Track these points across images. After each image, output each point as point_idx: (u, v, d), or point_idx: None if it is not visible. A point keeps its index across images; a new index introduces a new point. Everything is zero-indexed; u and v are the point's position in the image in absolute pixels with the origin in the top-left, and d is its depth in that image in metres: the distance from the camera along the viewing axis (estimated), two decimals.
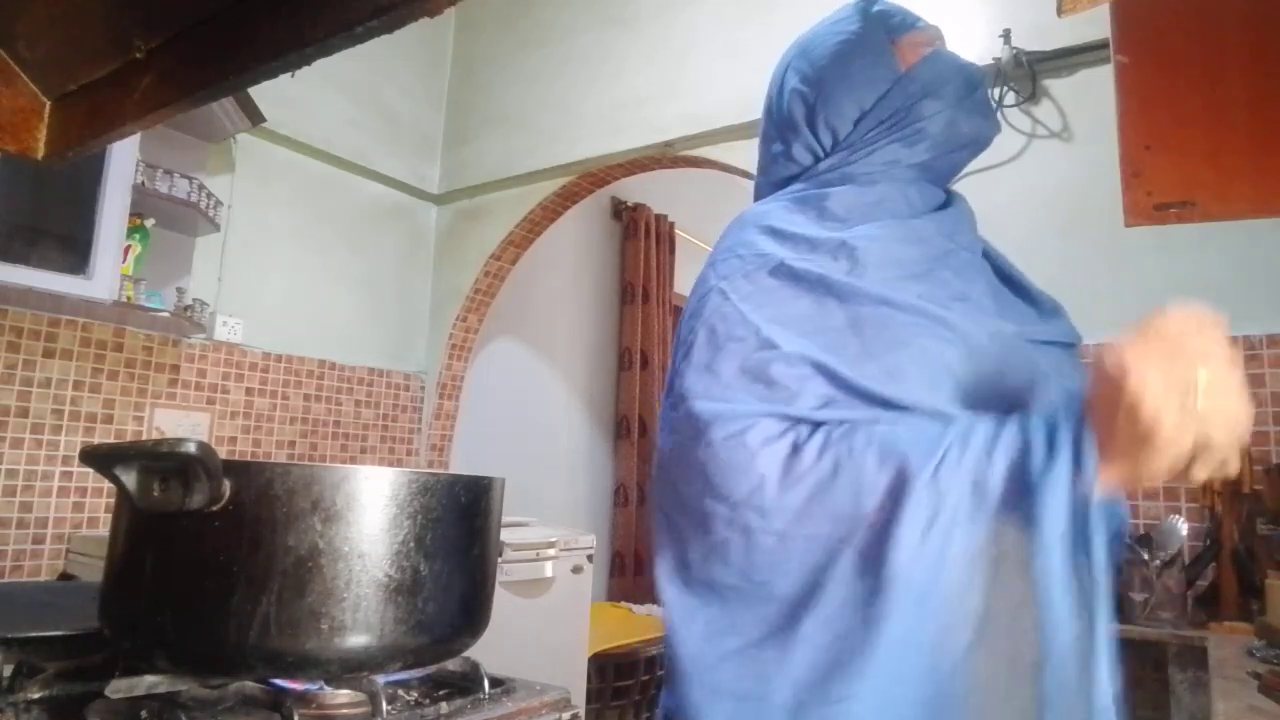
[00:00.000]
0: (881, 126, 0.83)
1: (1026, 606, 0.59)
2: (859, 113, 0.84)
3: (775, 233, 0.79)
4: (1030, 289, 0.83)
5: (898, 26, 0.86)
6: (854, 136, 0.84)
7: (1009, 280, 0.83)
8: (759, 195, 0.93)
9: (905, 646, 0.60)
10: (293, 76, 0.50)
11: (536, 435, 3.80)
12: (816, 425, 0.67)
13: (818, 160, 0.86)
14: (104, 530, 2.18)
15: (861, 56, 0.84)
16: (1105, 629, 0.59)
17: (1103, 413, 0.58)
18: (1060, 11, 0.79)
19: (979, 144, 0.87)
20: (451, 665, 0.97)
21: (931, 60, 0.84)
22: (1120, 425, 0.56)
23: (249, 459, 2.47)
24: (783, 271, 0.75)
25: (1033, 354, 0.75)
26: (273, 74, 0.49)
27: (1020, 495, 0.59)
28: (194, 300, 2.43)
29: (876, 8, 0.87)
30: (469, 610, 0.92)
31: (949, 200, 0.88)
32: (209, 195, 2.38)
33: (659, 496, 0.76)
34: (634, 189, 4.25)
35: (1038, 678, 0.58)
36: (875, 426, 0.66)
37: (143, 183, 2.14)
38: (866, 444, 0.64)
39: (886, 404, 0.68)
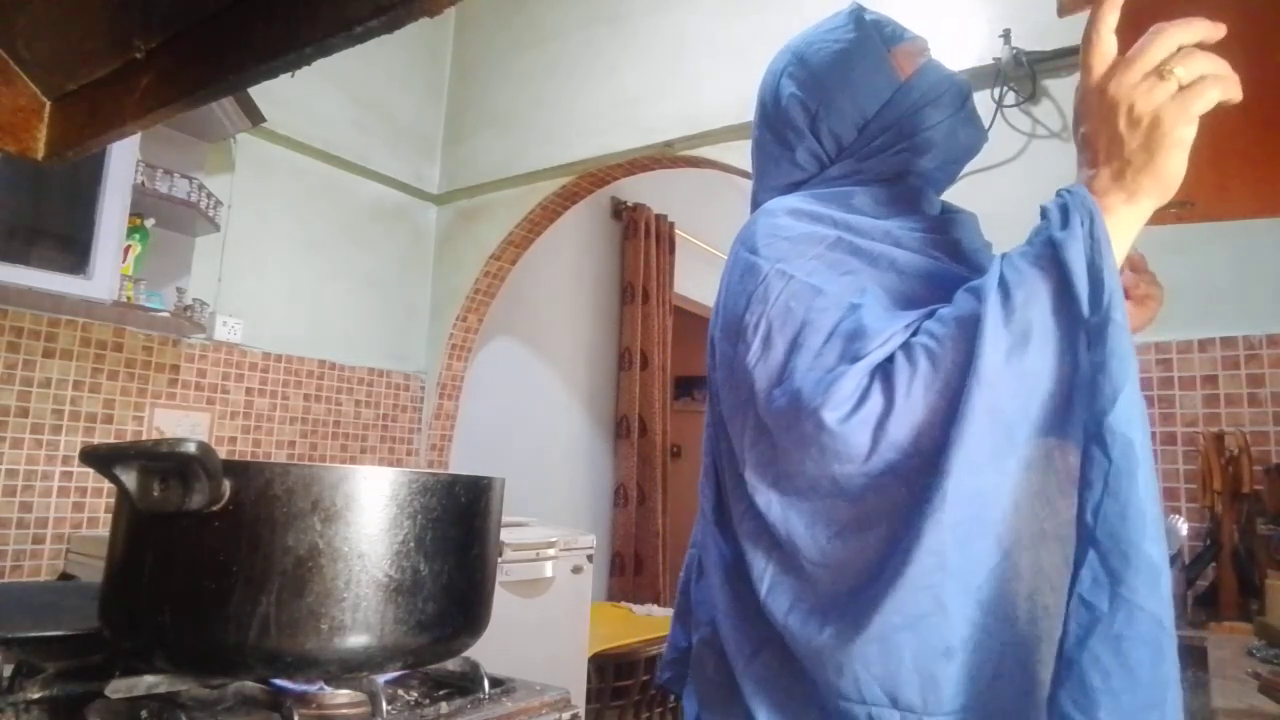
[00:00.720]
0: (888, 134, 0.84)
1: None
2: (863, 120, 0.85)
3: (815, 217, 0.80)
4: None
5: (890, 37, 0.87)
6: (859, 143, 0.85)
7: None
8: (758, 202, 0.92)
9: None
10: (292, 76, 0.50)
11: (536, 435, 3.80)
12: (906, 353, 0.67)
13: (823, 166, 0.87)
14: (104, 530, 2.19)
15: (862, 64, 0.85)
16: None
17: (1103, 138, 0.61)
18: (1061, 12, 0.80)
19: (971, 154, 0.90)
20: (451, 665, 0.97)
21: (928, 70, 0.86)
22: (1123, 135, 0.60)
23: (249, 459, 2.47)
24: (842, 246, 0.77)
25: None
26: (272, 74, 0.49)
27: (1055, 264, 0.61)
28: (194, 300, 2.43)
29: (870, 17, 0.89)
30: (469, 610, 0.92)
31: (951, 210, 0.91)
32: (209, 195, 2.38)
33: (756, 485, 0.74)
34: (634, 189, 4.25)
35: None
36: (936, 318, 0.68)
37: (142, 183, 2.14)
38: (940, 324, 0.66)
39: None
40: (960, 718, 0.62)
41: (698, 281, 4.90)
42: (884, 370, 0.66)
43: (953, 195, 0.95)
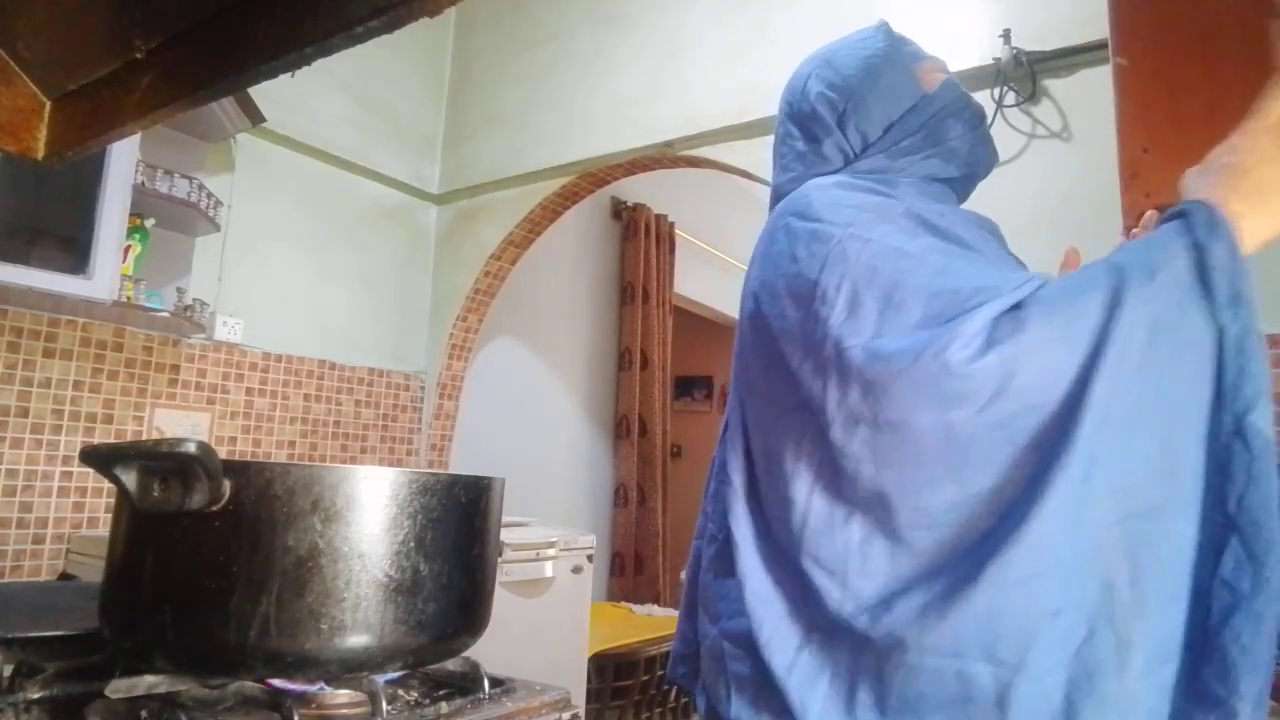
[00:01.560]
0: (915, 137, 0.89)
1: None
2: (888, 121, 0.90)
3: (871, 190, 0.82)
4: None
5: (912, 54, 0.95)
6: (886, 141, 0.90)
7: None
8: (782, 194, 0.95)
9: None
10: (292, 76, 0.50)
11: (536, 435, 3.80)
12: (1038, 304, 0.67)
13: (848, 160, 0.92)
14: (104, 530, 2.18)
15: (889, 72, 0.91)
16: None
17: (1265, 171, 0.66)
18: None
19: (986, 171, 0.96)
20: (451, 665, 0.97)
21: (950, 85, 0.92)
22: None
23: (249, 459, 2.47)
24: (912, 215, 0.79)
25: None
26: (272, 74, 0.49)
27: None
28: (194, 300, 2.43)
29: (897, 33, 0.96)
30: (469, 610, 0.92)
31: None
32: (209, 195, 2.38)
33: (847, 453, 0.73)
34: (634, 189, 4.25)
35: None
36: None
37: (143, 183, 2.14)
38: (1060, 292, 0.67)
39: None
40: (1049, 676, 0.63)
41: (698, 281, 4.90)
42: (1014, 317, 0.67)
43: None
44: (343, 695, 0.83)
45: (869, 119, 0.90)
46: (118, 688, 0.77)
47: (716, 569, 0.88)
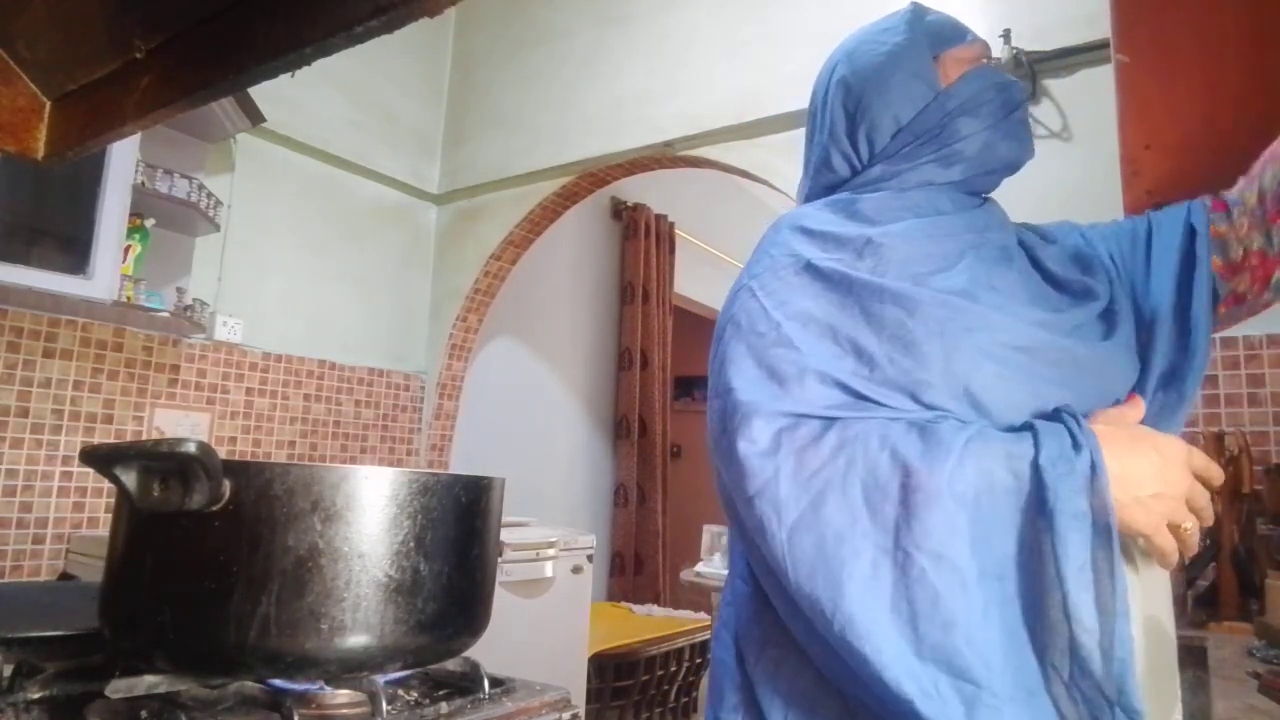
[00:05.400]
0: (917, 142, 0.84)
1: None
2: (896, 126, 0.85)
3: (806, 232, 0.81)
4: (1059, 275, 0.83)
5: (946, 39, 0.86)
6: (891, 149, 0.86)
7: (1040, 268, 0.83)
8: (802, 198, 0.95)
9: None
10: (292, 76, 0.50)
11: (536, 435, 3.80)
12: (829, 420, 0.67)
13: (855, 172, 0.88)
14: (104, 530, 2.18)
15: (901, 70, 0.85)
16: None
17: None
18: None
19: (1012, 167, 0.88)
20: (451, 665, 0.97)
21: (971, 78, 0.84)
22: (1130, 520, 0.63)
23: (249, 459, 2.47)
24: (809, 270, 0.77)
25: (1069, 347, 0.75)
26: (272, 74, 0.49)
27: (1037, 495, 0.61)
28: (194, 300, 2.43)
29: (928, 18, 0.88)
30: (469, 610, 0.92)
31: (982, 204, 0.90)
32: (209, 195, 2.38)
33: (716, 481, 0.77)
34: (634, 189, 4.25)
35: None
36: (892, 425, 0.66)
37: (142, 183, 2.14)
38: (881, 445, 0.65)
39: (902, 402, 0.69)
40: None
41: (698, 281, 4.90)
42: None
43: None
44: (343, 695, 0.83)
45: (876, 126, 0.86)
46: (118, 688, 0.76)
47: None
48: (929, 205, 0.84)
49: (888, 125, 0.85)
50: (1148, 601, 0.68)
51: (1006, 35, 1.99)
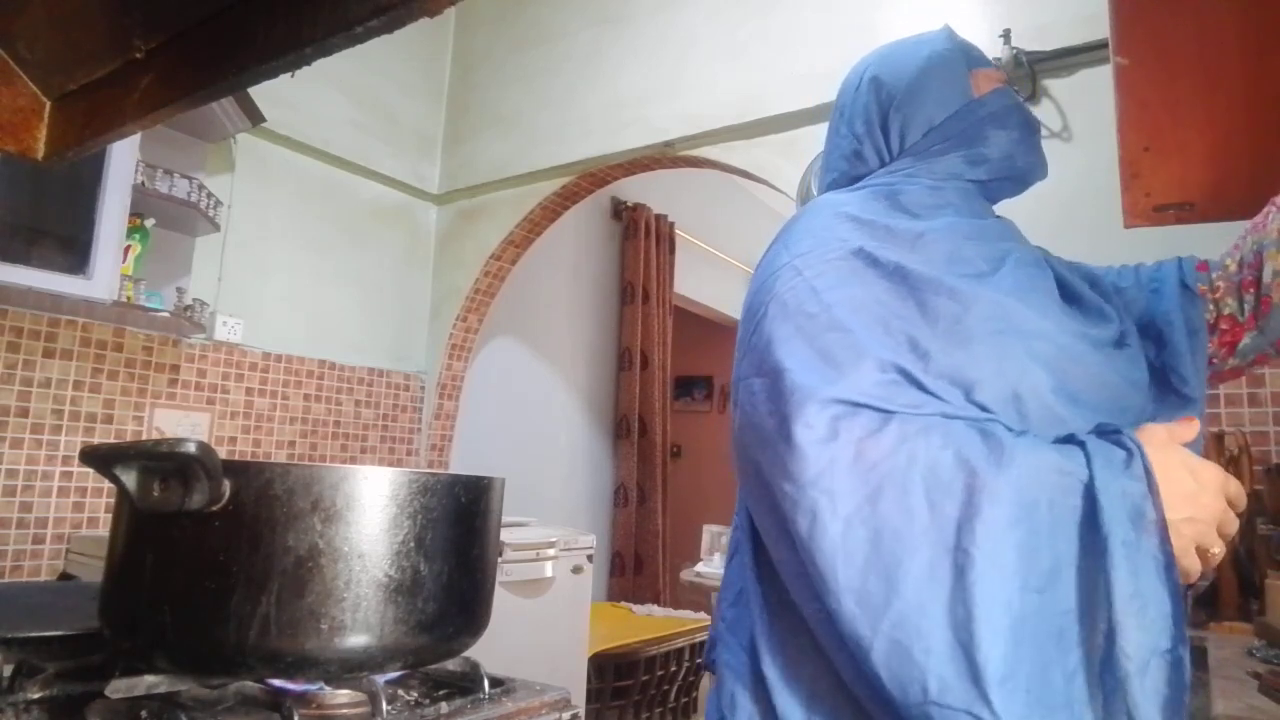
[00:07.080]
0: (948, 142, 0.89)
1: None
2: (929, 125, 0.90)
3: (854, 219, 0.81)
4: (1081, 293, 0.84)
5: (977, 60, 0.94)
6: (921, 145, 0.90)
7: (1063, 284, 0.84)
8: (824, 187, 0.97)
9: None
10: (292, 76, 0.50)
11: (536, 435, 3.80)
12: (887, 413, 0.66)
13: (884, 163, 0.92)
14: (104, 530, 2.18)
15: (941, 75, 0.90)
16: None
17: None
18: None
19: (1026, 182, 0.94)
20: (451, 665, 0.97)
21: (1003, 93, 0.91)
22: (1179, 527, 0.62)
23: (249, 459, 2.47)
24: (861, 256, 0.77)
25: (1105, 361, 0.76)
26: (272, 74, 0.49)
27: (1089, 514, 0.60)
28: (194, 300, 2.43)
29: (961, 37, 0.95)
30: (469, 610, 0.92)
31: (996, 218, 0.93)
32: (209, 195, 2.38)
33: (738, 469, 0.75)
34: (634, 189, 4.25)
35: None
36: (952, 424, 0.65)
37: (143, 183, 2.14)
38: (944, 443, 0.63)
39: (955, 397, 0.69)
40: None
41: (697, 281, 4.90)
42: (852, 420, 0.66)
43: None
44: (343, 695, 0.83)
45: (910, 123, 0.90)
46: (118, 688, 0.76)
47: (731, 555, 0.90)
48: (966, 206, 0.87)
49: (921, 123, 0.89)
50: None
51: (1006, 35, 1.99)
